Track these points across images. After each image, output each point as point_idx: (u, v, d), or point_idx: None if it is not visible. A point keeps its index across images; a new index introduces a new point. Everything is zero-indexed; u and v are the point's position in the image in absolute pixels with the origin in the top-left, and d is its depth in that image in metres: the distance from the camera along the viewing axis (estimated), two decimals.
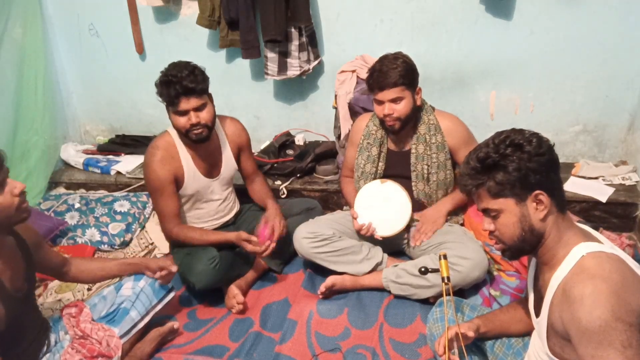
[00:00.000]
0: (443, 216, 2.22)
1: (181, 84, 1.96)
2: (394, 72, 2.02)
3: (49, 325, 1.79)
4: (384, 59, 2.08)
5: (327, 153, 2.91)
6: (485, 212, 1.29)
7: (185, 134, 2.08)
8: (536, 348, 1.36)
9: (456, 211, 2.30)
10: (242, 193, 2.51)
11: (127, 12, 3.01)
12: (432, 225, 2.20)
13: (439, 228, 2.20)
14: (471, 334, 1.45)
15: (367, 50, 2.74)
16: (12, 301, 1.52)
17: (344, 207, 2.52)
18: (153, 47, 3.11)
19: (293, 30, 2.68)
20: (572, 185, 2.56)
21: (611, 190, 2.50)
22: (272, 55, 2.75)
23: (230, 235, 2.16)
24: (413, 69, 2.09)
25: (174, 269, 1.95)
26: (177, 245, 2.27)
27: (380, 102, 2.09)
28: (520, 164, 1.20)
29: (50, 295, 2.27)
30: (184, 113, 2.02)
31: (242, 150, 2.37)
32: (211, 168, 2.26)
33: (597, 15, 2.50)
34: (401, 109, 2.07)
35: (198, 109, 2.03)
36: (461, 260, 2.00)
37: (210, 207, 2.32)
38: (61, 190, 3.05)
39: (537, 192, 1.21)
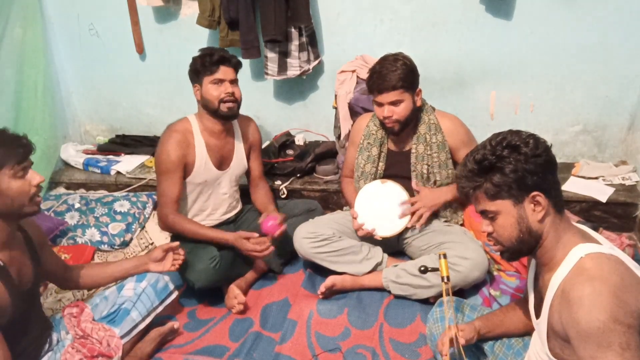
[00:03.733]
0: (439, 203, 2.19)
1: (223, 53, 2.17)
2: (394, 75, 2.01)
3: (51, 324, 1.80)
4: (383, 61, 2.07)
5: (327, 153, 2.91)
6: (483, 213, 1.29)
7: (216, 107, 2.16)
8: (536, 349, 1.36)
9: (456, 211, 2.30)
10: (244, 193, 2.51)
11: (127, 12, 3.01)
12: (426, 207, 2.17)
13: (430, 212, 2.18)
14: (470, 335, 1.45)
15: (367, 50, 2.74)
16: (19, 293, 1.54)
17: (344, 207, 2.52)
18: (153, 47, 3.11)
19: (293, 30, 2.68)
20: (572, 185, 2.55)
21: (611, 190, 2.50)
22: (272, 55, 2.75)
23: (228, 236, 2.16)
24: (413, 70, 2.08)
25: (176, 244, 2.03)
26: (176, 240, 2.27)
27: (380, 104, 2.09)
28: (517, 166, 1.20)
29: (51, 295, 2.27)
30: (221, 82, 2.14)
31: (252, 149, 2.42)
32: (222, 160, 2.31)
33: (596, 16, 2.50)
34: (401, 111, 2.07)
35: (233, 83, 2.17)
36: (461, 261, 2.00)
37: (215, 201, 2.34)
38: (61, 190, 3.05)
39: (535, 193, 1.21)
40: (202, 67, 2.15)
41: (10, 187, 1.47)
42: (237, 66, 2.21)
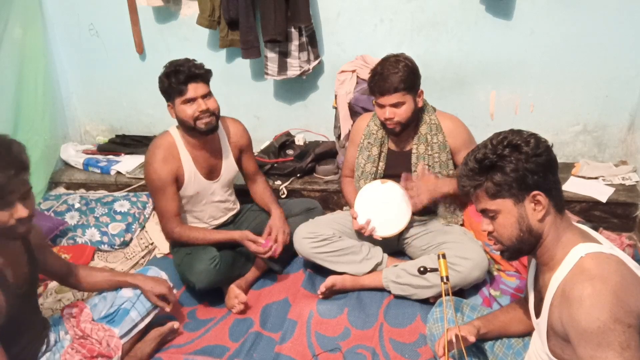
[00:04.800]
0: (439, 191, 2.09)
1: (189, 69, 2.02)
2: (395, 77, 2.00)
3: (48, 324, 1.80)
4: (385, 62, 2.06)
5: (327, 153, 2.91)
6: (484, 212, 1.29)
7: (193, 126, 2.08)
8: (536, 348, 1.36)
9: (456, 211, 2.30)
10: (242, 193, 2.51)
11: (127, 12, 3.01)
12: (425, 191, 2.07)
13: (428, 198, 2.08)
14: (472, 339, 1.45)
15: (367, 50, 2.74)
16: (13, 295, 1.53)
17: (344, 207, 2.52)
18: (153, 47, 3.11)
19: (293, 30, 2.68)
20: (572, 185, 2.55)
21: (611, 190, 2.50)
22: (272, 55, 2.75)
23: (235, 234, 2.17)
24: (414, 72, 2.07)
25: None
26: (177, 244, 2.27)
27: (381, 106, 2.08)
28: (517, 165, 1.20)
29: (50, 295, 2.27)
30: (192, 101, 2.05)
31: (243, 151, 2.38)
32: (212, 170, 2.26)
33: (597, 15, 2.50)
34: (402, 112, 2.07)
35: (205, 97, 2.07)
36: (461, 261, 2.00)
37: (210, 208, 2.33)
38: (61, 190, 3.05)
39: (535, 192, 1.21)
40: (170, 88, 2.04)
41: None
42: (207, 78, 2.09)
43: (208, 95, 2.09)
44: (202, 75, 2.06)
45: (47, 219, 2.64)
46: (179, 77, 2.02)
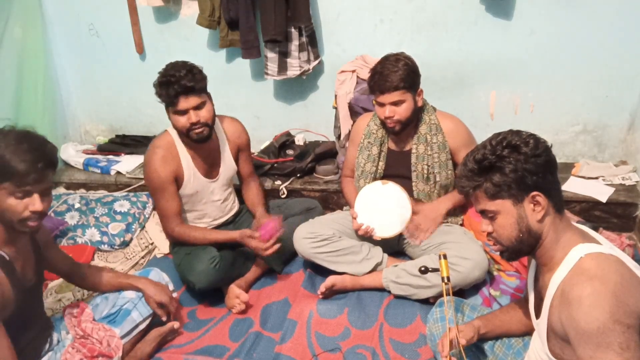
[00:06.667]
0: (441, 215, 2.21)
1: (179, 83, 1.98)
2: (395, 76, 2.01)
3: (52, 324, 1.81)
4: (385, 61, 2.07)
5: (327, 153, 2.91)
6: (483, 213, 1.29)
7: (186, 134, 2.09)
8: (536, 348, 1.36)
9: (456, 211, 2.30)
10: (241, 192, 2.51)
11: (127, 12, 3.01)
12: (431, 223, 2.19)
13: (436, 227, 2.19)
14: (472, 336, 1.45)
15: (367, 50, 2.74)
16: (21, 288, 1.55)
17: (344, 207, 2.52)
18: (153, 47, 3.11)
19: (293, 30, 2.68)
20: (572, 185, 2.55)
21: (611, 190, 2.50)
22: (272, 55, 2.75)
23: (234, 234, 2.17)
24: (414, 71, 2.08)
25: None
26: (177, 244, 2.27)
27: (381, 105, 2.09)
28: (517, 166, 1.20)
29: (50, 295, 2.27)
30: (184, 112, 2.04)
31: (241, 150, 2.38)
32: (211, 169, 2.27)
33: (597, 15, 2.50)
34: (402, 111, 2.07)
35: (197, 108, 2.05)
36: (461, 261, 2.00)
37: (210, 208, 2.33)
38: (61, 190, 3.05)
39: (534, 193, 1.21)
40: (161, 98, 2.04)
41: (4, 201, 1.45)
42: (200, 89, 2.03)
43: (201, 105, 2.05)
44: (194, 87, 2.00)
45: (47, 219, 2.63)
46: (169, 91, 1.99)
